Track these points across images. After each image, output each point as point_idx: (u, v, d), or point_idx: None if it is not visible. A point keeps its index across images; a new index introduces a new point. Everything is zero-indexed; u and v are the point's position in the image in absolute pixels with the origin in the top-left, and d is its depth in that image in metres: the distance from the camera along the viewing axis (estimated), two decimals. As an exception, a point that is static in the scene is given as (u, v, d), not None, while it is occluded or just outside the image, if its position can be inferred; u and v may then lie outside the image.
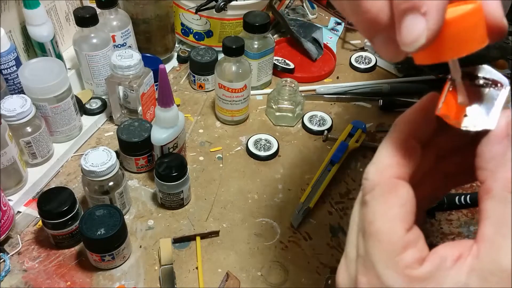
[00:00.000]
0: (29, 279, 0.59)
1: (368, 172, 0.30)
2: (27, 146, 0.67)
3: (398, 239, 0.27)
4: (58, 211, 0.58)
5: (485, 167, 0.27)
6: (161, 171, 0.64)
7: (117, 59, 0.70)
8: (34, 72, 0.67)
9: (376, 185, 0.29)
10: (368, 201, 0.29)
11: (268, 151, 0.75)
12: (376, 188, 0.29)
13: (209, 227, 0.66)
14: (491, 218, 0.26)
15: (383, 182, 0.29)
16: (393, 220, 0.28)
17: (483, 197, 0.27)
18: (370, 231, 0.28)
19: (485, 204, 0.26)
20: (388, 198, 0.29)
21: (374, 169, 0.30)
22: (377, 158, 0.30)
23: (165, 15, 0.84)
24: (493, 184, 0.26)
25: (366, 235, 0.29)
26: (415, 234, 0.28)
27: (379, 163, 0.30)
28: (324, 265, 0.62)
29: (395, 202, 0.28)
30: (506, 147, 0.27)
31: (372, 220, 0.29)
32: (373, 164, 0.30)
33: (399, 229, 0.28)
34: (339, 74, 0.92)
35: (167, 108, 0.63)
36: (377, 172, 0.30)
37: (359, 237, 0.30)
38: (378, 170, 0.30)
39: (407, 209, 0.28)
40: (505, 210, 0.25)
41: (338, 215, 0.68)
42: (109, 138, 0.78)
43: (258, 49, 0.82)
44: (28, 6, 0.70)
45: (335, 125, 0.81)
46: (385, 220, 0.28)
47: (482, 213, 0.27)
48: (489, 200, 0.26)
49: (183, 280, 0.60)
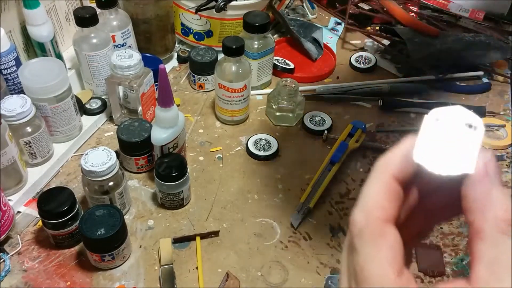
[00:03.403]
0: (29, 279, 0.59)
1: (354, 216, 0.30)
2: (27, 146, 0.67)
3: (390, 283, 0.27)
4: (58, 211, 0.58)
5: (472, 208, 0.28)
6: (161, 171, 0.64)
7: (117, 59, 0.70)
8: (34, 72, 0.67)
9: (364, 228, 0.29)
10: (357, 245, 0.30)
11: (268, 151, 0.75)
12: (364, 231, 0.29)
13: (209, 227, 0.66)
14: (484, 260, 0.26)
15: (370, 225, 0.29)
16: (384, 264, 0.28)
17: (473, 238, 0.27)
18: (362, 276, 0.29)
19: (477, 245, 0.27)
20: (376, 241, 0.29)
21: (360, 213, 0.30)
22: (361, 201, 0.31)
23: (165, 15, 0.84)
24: (483, 225, 0.27)
25: (358, 280, 0.29)
26: (406, 278, 0.28)
27: (364, 207, 0.30)
28: (324, 265, 0.62)
29: (384, 245, 0.29)
30: (489, 186, 0.27)
31: (362, 265, 0.29)
32: (359, 208, 0.31)
33: (390, 273, 0.28)
34: (339, 74, 0.92)
35: (167, 108, 0.63)
36: (364, 215, 0.30)
37: (351, 282, 0.30)
38: (364, 214, 0.30)
39: (396, 251, 0.29)
40: (498, 251, 0.26)
41: (338, 215, 0.68)
42: (109, 138, 0.78)
43: (258, 49, 0.82)
44: (28, 6, 0.70)
45: (335, 125, 0.81)
46: (376, 264, 0.28)
47: (475, 254, 0.27)
48: (480, 241, 0.26)
49: (183, 280, 0.60)
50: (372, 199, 0.30)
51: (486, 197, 0.27)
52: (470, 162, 0.28)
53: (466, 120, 0.29)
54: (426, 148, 0.29)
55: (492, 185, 0.27)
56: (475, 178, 0.28)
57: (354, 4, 1.01)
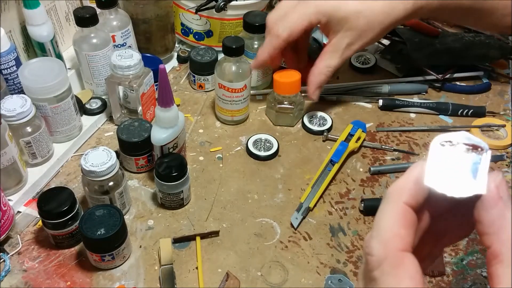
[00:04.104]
0: (29, 279, 0.59)
1: (372, 247, 0.30)
2: (27, 146, 0.67)
3: None
4: (58, 211, 0.58)
5: (488, 231, 0.28)
6: (161, 171, 0.64)
7: (117, 59, 0.70)
8: (34, 72, 0.67)
9: (383, 260, 0.29)
10: (378, 277, 0.29)
11: (268, 151, 0.75)
12: (384, 263, 0.29)
13: (209, 227, 0.66)
14: (503, 282, 0.26)
15: (390, 256, 0.29)
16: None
17: (491, 262, 0.27)
18: None
19: (495, 269, 0.27)
20: (397, 272, 0.29)
21: (378, 244, 0.30)
22: (377, 231, 0.31)
23: (165, 15, 0.84)
24: (500, 248, 0.27)
25: None
26: None
27: (381, 237, 0.30)
28: (324, 265, 0.62)
29: (405, 275, 0.29)
30: (503, 209, 0.28)
31: None
32: (375, 239, 0.30)
33: None
34: (339, 74, 0.92)
35: (167, 108, 0.63)
36: (382, 246, 0.30)
37: None
38: (382, 245, 0.30)
39: (417, 281, 0.29)
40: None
41: (338, 215, 0.68)
42: (109, 138, 0.78)
43: (258, 49, 0.82)
44: (28, 6, 0.70)
45: (335, 125, 0.81)
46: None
47: (493, 278, 0.27)
48: (499, 265, 0.27)
49: (183, 280, 0.60)
50: (388, 228, 0.30)
51: (501, 221, 0.27)
52: (482, 183, 0.29)
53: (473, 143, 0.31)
54: (436, 172, 0.30)
55: (506, 208, 0.28)
56: (489, 202, 0.28)
57: (354, 4, 1.01)
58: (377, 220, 0.31)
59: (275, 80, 0.77)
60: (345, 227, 0.66)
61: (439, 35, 0.88)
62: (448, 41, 0.87)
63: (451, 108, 0.83)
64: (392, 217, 0.30)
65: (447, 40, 0.87)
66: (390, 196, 0.31)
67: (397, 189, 0.31)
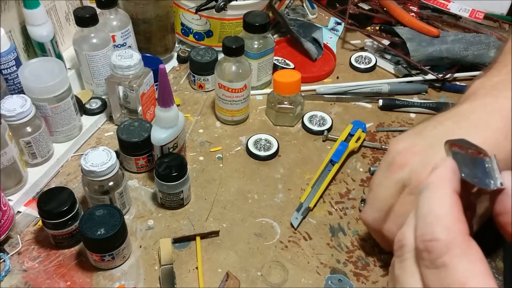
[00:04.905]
0: (29, 279, 0.59)
1: (435, 232, 0.30)
2: (27, 146, 0.67)
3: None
4: (58, 211, 0.58)
5: None
6: (161, 171, 0.64)
7: (117, 59, 0.70)
8: (34, 72, 0.67)
9: (452, 244, 0.29)
10: (448, 262, 0.29)
11: (268, 151, 0.75)
12: (453, 248, 0.29)
13: (209, 227, 0.66)
14: None
15: (458, 240, 0.29)
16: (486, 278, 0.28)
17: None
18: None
19: None
20: (469, 255, 0.29)
21: (442, 229, 0.30)
22: (436, 217, 0.31)
23: (165, 15, 0.84)
24: None
25: None
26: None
27: (443, 222, 0.30)
28: (324, 265, 0.62)
29: (477, 258, 0.29)
30: None
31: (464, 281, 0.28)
32: (437, 224, 0.30)
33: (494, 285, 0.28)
34: (339, 74, 0.92)
35: (167, 108, 0.63)
36: (447, 231, 0.30)
37: None
38: (446, 229, 0.30)
39: (485, 263, 0.29)
40: None
41: (338, 215, 0.68)
42: (109, 138, 0.78)
43: (258, 49, 0.82)
44: (28, 6, 0.70)
45: (335, 125, 0.81)
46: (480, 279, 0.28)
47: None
48: None
49: (183, 280, 0.60)
50: (448, 213, 0.30)
51: None
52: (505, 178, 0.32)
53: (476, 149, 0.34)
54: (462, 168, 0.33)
55: None
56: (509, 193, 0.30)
57: (354, 4, 1.01)
58: (428, 208, 0.31)
59: (275, 80, 0.77)
60: (345, 227, 0.66)
61: (439, 35, 0.88)
62: (448, 41, 0.87)
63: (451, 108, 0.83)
64: (448, 203, 0.31)
65: (447, 40, 0.87)
66: (434, 185, 0.32)
67: (440, 178, 0.32)
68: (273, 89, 0.78)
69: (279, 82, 0.77)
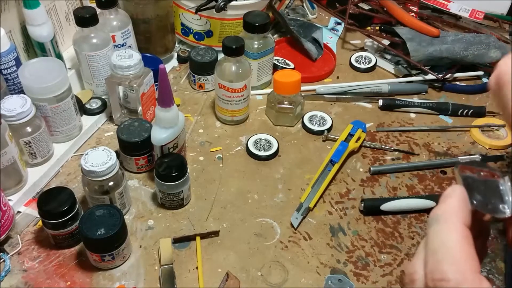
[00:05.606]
0: (29, 279, 0.59)
1: (445, 271, 0.30)
2: (27, 146, 0.67)
3: None
4: (58, 211, 0.58)
5: None
6: (161, 171, 0.64)
7: (117, 59, 0.70)
8: (34, 72, 0.67)
9: (462, 284, 0.29)
10: None
11: (268, 151, 0.75)
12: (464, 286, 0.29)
13: (209, 227, 0.66)
14: None
15: (469, 279, 0.29)
16: None
17: None
18: None
19: None
20: None
21: (452, 267, 0.29)
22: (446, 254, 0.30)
23: (165, 15, 0.84)
24: None
25: None
26: None
27: (453, 259, 0.30)
28: (324, 265, 0.62)
29: None
30: None
31: None
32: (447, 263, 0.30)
33: None
34: (339, 74, 0.92)
35: (167, 108, 0.63)
36: (457, 269, 0.29)
37: None
38: (456, 268, 0.29)
39: None
40: None
41: (338, 215, 0.68)
42: (109, 138, 0.78)
43: (258, 49, 0.82)
44: (28, 6, 0.70)
45: (335, 125, 0.81)
46: None
47: None
48: None
49: (183, 280, 0.60)
50: (457, 249, 0.30)
51: None
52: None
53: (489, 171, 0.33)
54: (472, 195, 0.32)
55: None
56: None
57: (354, 4, 1.01)
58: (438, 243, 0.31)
59: (275, 80, 0.77)
60: (345, 227, 0.66)
61: (439, 35, 0.88)
62: (448, 41, 0.87)
63: (451, 108, 0.83)
64: (457, 238, 0.30)
65: (447, 40, 0.87)
66: (442, 219, 0.31)
67: (450, 210, 0.31)
68: (273, 89, 0.78)
69: (279, 82, 0.77)
